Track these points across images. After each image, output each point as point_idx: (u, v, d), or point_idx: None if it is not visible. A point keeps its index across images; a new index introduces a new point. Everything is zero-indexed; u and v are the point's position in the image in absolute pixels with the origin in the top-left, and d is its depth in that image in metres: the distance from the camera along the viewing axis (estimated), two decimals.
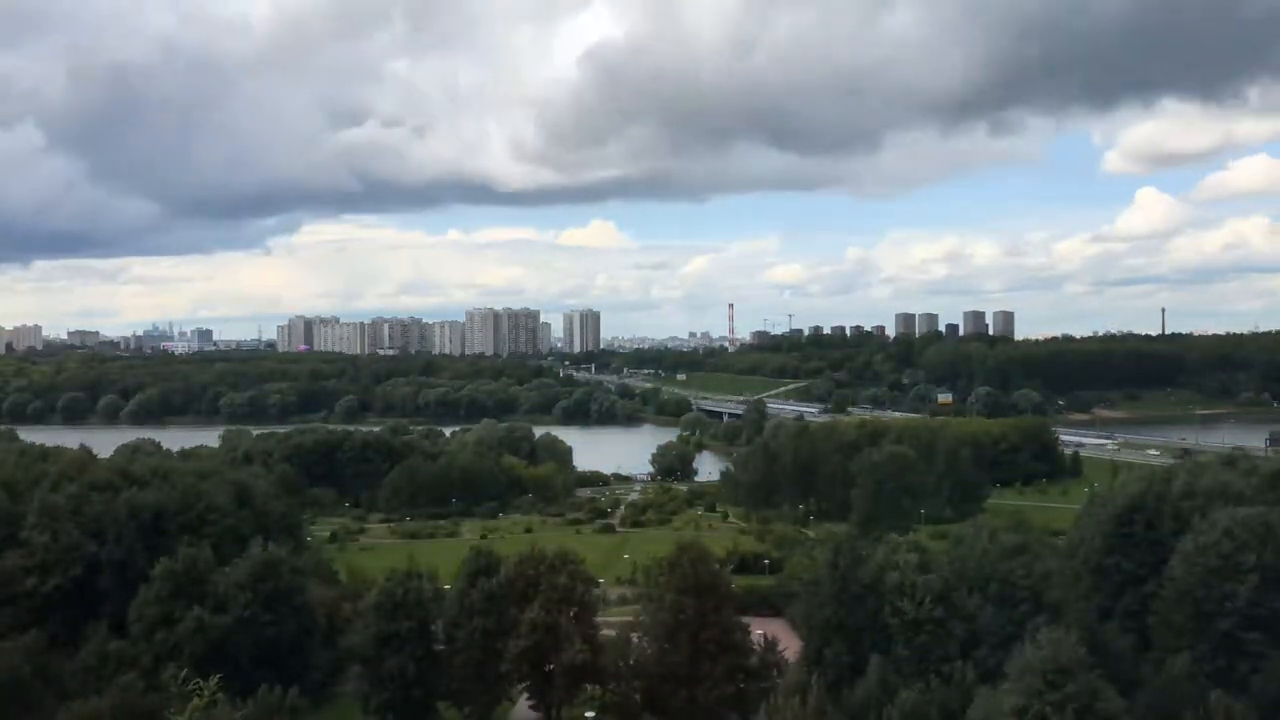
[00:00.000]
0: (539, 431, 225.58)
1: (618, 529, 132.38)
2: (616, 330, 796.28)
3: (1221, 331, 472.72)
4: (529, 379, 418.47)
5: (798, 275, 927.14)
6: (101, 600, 65.73)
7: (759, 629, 63.67)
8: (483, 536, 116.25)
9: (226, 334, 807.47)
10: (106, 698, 47.93)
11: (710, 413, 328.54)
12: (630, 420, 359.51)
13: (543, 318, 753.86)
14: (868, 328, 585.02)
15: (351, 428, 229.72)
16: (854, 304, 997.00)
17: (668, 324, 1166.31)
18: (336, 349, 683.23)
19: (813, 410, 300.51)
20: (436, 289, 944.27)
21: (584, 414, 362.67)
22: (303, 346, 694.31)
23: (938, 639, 53.23)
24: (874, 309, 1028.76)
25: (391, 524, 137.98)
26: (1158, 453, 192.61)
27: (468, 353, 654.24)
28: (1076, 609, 55.84)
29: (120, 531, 67.82)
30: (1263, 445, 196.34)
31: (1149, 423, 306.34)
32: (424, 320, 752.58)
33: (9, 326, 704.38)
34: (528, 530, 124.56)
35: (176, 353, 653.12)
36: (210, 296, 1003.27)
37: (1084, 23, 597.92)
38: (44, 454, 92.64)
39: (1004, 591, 53.10)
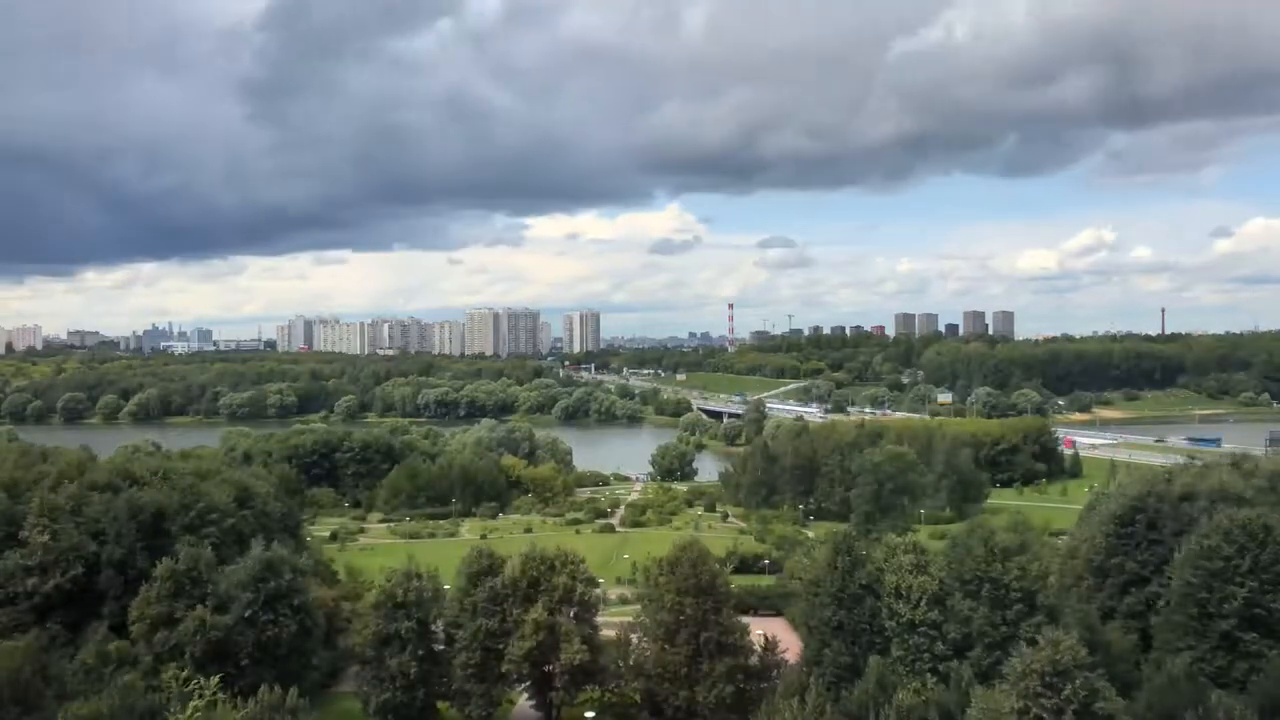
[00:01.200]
0: (539, 432, 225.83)
1: (618, 529, 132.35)
2: (618, 330, 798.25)
3: (1221, 331, 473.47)
4: (529, 379, 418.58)
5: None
6: (101, 600, 65.63)
7: (759, 629, 63.71)
8: (483, 536, 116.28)
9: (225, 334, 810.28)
10: (106, 698, 47.83)
11: (710, 413, 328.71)
12: (630, 420, 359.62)
13: (542, 318, 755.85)
14: (866, 328, 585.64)
15: (351, 428, 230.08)
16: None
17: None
18: (336, 349, 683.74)
19: (812, 410, 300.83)
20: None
21: (584, 414, 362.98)
22: (303, 347, 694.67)
23: (932, 640, 53.27)
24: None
25: (391, 524, 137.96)
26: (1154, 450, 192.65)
27: (467, 353, 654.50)
28: (1075, 609, 55.88)
29: (120, 531, 67.71)
30: (1263, 445, 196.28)
31: (1149, 423, 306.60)
32: (424, 320, 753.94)
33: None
34: (528, 530, 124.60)
35: (176, 353, 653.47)
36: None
37: None
38: (44, 454, 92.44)
39: (997, 593, 53.14)
